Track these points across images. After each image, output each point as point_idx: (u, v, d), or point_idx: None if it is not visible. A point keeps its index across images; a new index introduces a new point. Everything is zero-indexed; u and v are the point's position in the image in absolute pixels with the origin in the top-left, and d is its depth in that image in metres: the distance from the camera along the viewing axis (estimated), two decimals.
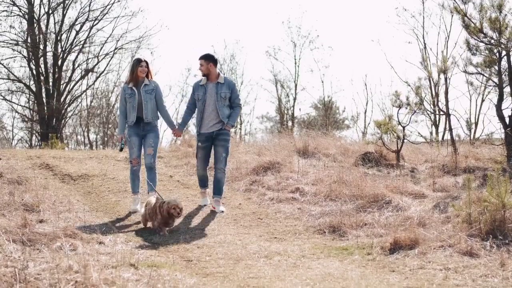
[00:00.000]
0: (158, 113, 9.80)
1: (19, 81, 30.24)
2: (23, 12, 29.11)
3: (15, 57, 29.61)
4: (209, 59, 9.66)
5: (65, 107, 30.58)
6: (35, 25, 29.31)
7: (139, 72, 9.54)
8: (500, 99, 11.95)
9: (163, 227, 8.32)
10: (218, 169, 9.74)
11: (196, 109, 9.80)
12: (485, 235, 7.05)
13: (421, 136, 16.80)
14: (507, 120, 11.73)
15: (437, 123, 27.72)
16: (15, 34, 29.32)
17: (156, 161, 9.93)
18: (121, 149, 10.02)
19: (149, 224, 8.64)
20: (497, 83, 12.14)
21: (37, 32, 29.20)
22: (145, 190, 10.05)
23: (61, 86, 30.08)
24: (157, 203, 8.38)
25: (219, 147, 9.71)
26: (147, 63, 9.60)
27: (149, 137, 9.64)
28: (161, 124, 21.37)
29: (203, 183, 10.07)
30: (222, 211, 9.64)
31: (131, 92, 9.57)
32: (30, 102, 32.30)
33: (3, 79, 30.06)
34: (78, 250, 7.01)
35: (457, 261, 6.48)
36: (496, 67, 12.13)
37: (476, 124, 24.72)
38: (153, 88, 9.64)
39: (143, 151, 9.78)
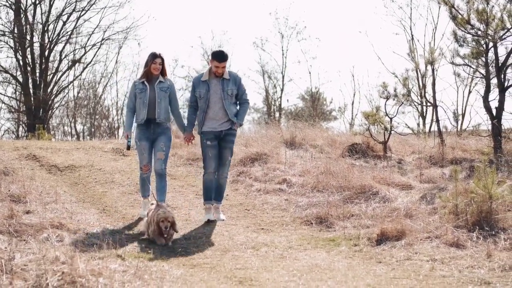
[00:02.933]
0: (170, 114, 8.91)
1: (6, 71, 30.00)
2: (10, 2, 28.86)
3: (1, 47, 29.34)
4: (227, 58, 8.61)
5: (52, 98, 30.37)
6: (22, 15, 29.06)
7: (152, 69, 8.66)
8: (487, 90, 11.97)
9: (159, 237, 7.34)
10: (221, 175, 8.79)
11: (199, 107, 8.74)
12: (471, 226, 7.09)
13: (408, 127, 16.84)
14: (494, 111, 11.76)
15: (424, 115, 27.72)
16: (2, 24, 29.09)
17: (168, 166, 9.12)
18: (128, 147, 8.82)
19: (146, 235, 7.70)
20: (484, 74, 12.16)
21: (24, 23, 28.96)
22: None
23: (48, 76, 29.87)
24: (153, 212, 7.60)
25: (226, 149, 8.70)
26: (162, 60, 8.69)
27: (160, 140, 8.68)
28: None
29: (209, 193, 8.78)
30: (223, 220, 8.70)
31: (143, 87, 8.68)
32: (17, 92, 32.04)
33: None
34: (65, 241, 7.00)
35: (443, 252, 6.52)
36: (483, 59, 12.14)
37: (463, 115, 24.87)
38: (168, 86, 8.79)
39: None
